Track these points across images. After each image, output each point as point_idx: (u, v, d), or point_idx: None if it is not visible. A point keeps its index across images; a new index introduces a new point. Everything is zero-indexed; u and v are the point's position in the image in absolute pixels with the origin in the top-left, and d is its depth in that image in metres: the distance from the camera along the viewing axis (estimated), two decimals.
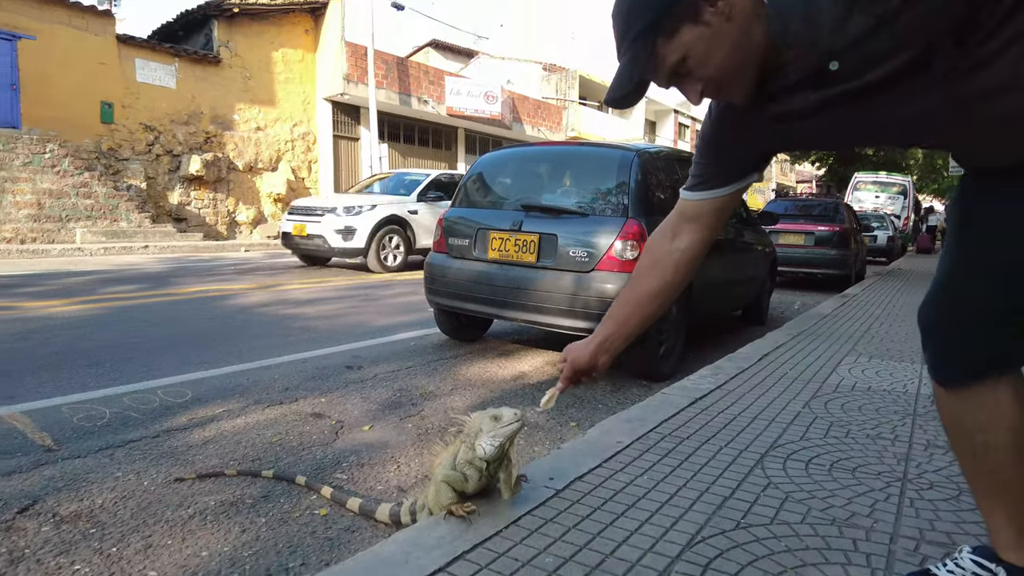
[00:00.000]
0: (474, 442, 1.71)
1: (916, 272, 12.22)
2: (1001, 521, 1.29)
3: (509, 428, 1.69)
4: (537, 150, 4.92)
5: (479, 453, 1.69)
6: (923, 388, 3.33)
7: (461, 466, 1.73)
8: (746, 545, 1.59)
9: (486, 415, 1.73)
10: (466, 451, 1.74)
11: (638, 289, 1.49)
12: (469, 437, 1.73)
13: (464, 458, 1.73)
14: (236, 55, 16.30)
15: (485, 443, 1.68)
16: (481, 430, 1.71)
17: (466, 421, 1.78)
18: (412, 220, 9.94)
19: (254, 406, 3.20)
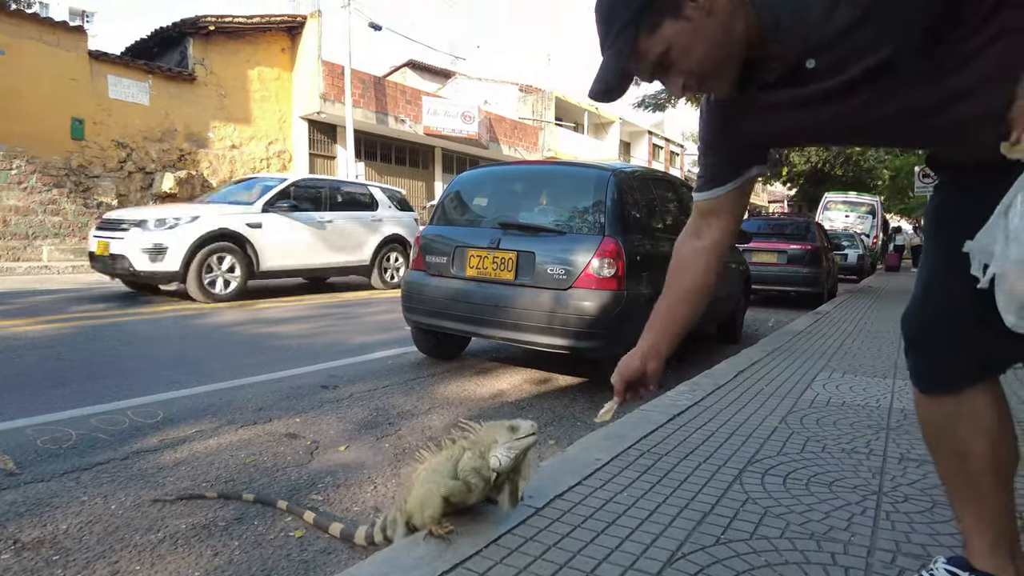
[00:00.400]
0: (487, 452, 1.67)
1: (886, 289, 12.48)
2: (976, 529, 1.31)
3: (527, 440, 1.67)
4: (514, 169, 4.95)
5: (493, 464, 1.66)
6: (895, 403, 3.38)
7: (466, 474, 1.68)
8: (726, 561, 1.59)
9: (502, 425, 1.70)
10: (473, 459, 1.69)
11: (673, 293, 1.50)
12: (479, 446, 1.70)
13: (471, 466, 1.68)
14: (211, 73, 16.20)
15: (501, 454, 1.65)
16: (496, 441, 1.67)
17: (476, 429, 1.74)
18: (253, 236, 7.96)
19: (227, 426, 3.13)
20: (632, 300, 3.85)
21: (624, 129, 33.35)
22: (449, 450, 1.76)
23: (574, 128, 28.72)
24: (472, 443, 1.72)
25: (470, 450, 1.71)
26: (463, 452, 1.72)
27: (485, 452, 1.69)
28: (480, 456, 1.69)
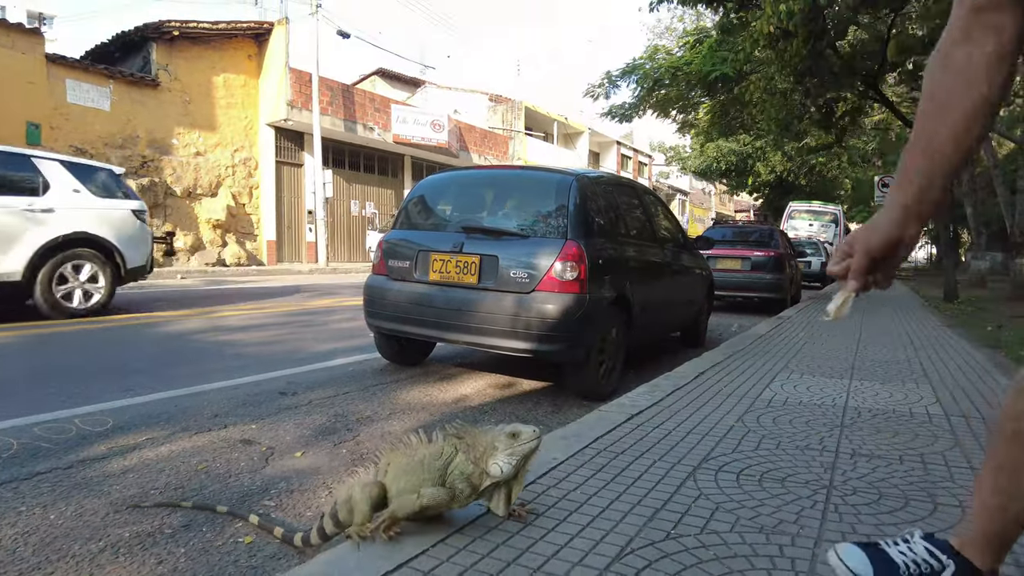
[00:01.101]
0: (483, 459, 1.63)
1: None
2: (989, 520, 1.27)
3: (528, 446, 1.63)
4: (478, 173, 4.95)
5: (494, 472, 1.61)
6: (850, 401, 3.44)
7: (454, 479, 1.62)
8: (675, 555, 1.59)
9: (501, 432, 1.65)
10: (465, 463, 1.63)
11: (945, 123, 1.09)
12: (473, 451, 1.65)
13: (461, 471, 1.63)
14: (176, 79, 15.94)
15: (502, 461, 1.61)
16: (496, 447, 1.62)
17: (472, 432, 1.69)
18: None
19: (180, 433, 3.05)
20: (594, 303, 3.86)
21: (593, 139, 33.68)
22: (438, 446, 1.69)
23: (544, 138, 28.91)
24: (467, 447, 1.67)
25: (464, 453, 1.65)
26: (455, 454, 1.67)
27: (480, 459, 1.64)
28: (474, 462, 1.64)
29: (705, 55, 12.02)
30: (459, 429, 1.72)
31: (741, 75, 12.00)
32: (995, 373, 4.41)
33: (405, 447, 1.73)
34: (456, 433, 1.71)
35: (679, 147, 30.03)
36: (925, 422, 3.06)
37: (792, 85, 11.07)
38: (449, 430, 1.74)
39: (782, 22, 8.34)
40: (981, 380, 4.16)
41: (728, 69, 11.69)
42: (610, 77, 14.67)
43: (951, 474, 2.31)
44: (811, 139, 19.94)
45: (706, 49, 12.10)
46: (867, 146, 24.30)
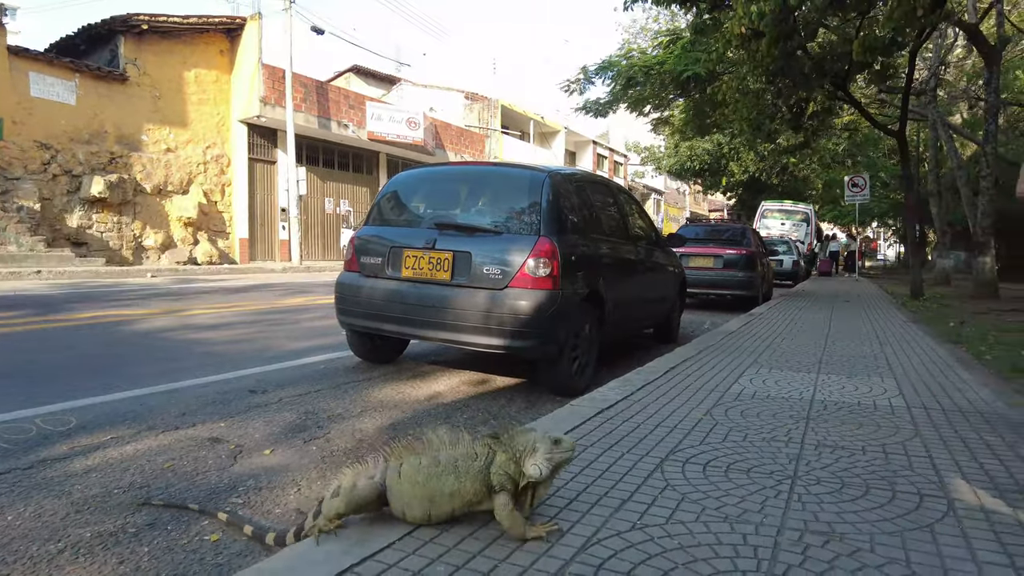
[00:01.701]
0: (524, 458, 1.65)
1: (819, 293, 12.99)
2: None
3: (566, 456, 1.67)
4: (451, 169, 4.94)
5: (533, 472, 1.63)
6: (817, 395, 3.51)
7: (501, 478, 1.64)
8: (640, 545, 1.60)
9: (545, 436, 1.68)
10: (507, 463, 1.65)
11: None
12: (514, 451, 1.67)
13: (506, 471, 1.65)
14: (145, 73, 15.64)
15: (541, 463, 1.63)
16: (536, 450, 1.65)
17: (511, 433, 1.72)
18: None
19: (147, 432, 3.00)
20: (567, 299, 3.88)
21: (569, 139, 33.80)
22: (468, 448, 1.71)
23: (520, 136, 28.93)
24: (505, 447, 1.69)
25: (504, 453, 1.68)
26: (494, 454, 1.68)
27: (521, 458, 1.66)
28: (515, 461, 1.66)
29: (678, 55, 12.13)
30: (494, 431, 1.76)
31: (713, 75, 12.14)
32: (957, 368, 4.53)
33: (421, 448, 1.73)
34: (491, 434, 1.74)
35: (654, 147, 30.28)
36: (888, 414, 3.13)
37: (764, 85, 11.22)
38: (484, 432, 1.76)
39: (753, 23, 8.45)
40: (942, 374, 4.27)
41: (700, 69, 11.81)
42: (586, 72, 14.74)
43: (910, 463, 2.36)
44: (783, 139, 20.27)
45: (679, 49, 12.21)
46: (837, 147, 24.73)
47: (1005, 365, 4.53)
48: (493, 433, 1.74)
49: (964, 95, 20.19)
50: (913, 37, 10.21)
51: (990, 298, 11.24)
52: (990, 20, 14.44)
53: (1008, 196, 19.45)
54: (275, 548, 1.80)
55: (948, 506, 1.95)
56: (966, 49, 18.92)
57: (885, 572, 1.51)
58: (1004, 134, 18.99)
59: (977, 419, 3.07)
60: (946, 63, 17.71)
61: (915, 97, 15.76)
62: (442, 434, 1.75)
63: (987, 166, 11.62)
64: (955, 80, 20.42)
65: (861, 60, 9.51)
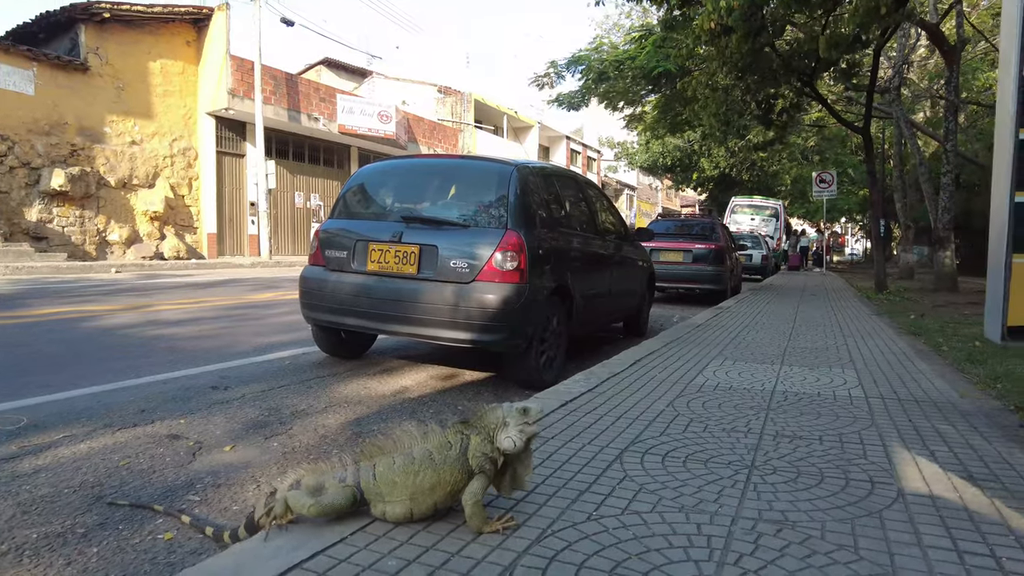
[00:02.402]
0: (496, 434, 1.63)
1: (786, 287, 13.20)
2: None
3: (535, 428, 1.66)
4: (418, 162, 4.90)
5: (506, 445, 1.61)
6: (779, 386, 3.56)
7: (480, 460, 1.62)
8: (595, 536, 1.61)
9: (512, 408, 1.66)
10: (483, 444, 1.64)
11: None
12: (486, 429, 1.65)
13: (482, 451, 1.63)
14: (107, 63, 15.24)
15: (514, 435, 1.62)
16: (507, 423, 1.63)
17: (478, 414, 1.69)
18: None
19: (103, 430, 2.92)
20: (535, 293, 3.88)
21: (543, 134, 33.81)
22: (441, 438, 1.68)
23: (494, 131, 28.86)
24: (477, 429, 1.67)
25: (477, 435, 1.66)
26: (468, 438, 1.66)
27: (493, 434, 1.65)
28: (489, 440, 1.64)
29: (649, 51, 12.20)
30: (463, 416, 1.73)
31: (684, 71, 12.23)
32: (915, 359, 4.64)
33: (392, 447, 1.70)
34: (461, 421, 1.72)
35: (626, 143, 30.46)
36: (847, 404, 3.19)
37: (733, 81, 11.33)
38: (451, 421, 1.74)
39: (723, 19, 8.52)
40: (901, 365, 4.37)
41: (671, 65, 11.89)
42: (555, 66, 14.74)
43: (865, 452, 2.41)
44: (753, 135, 20.52)
45: (650, 45, 12.27)
46: (806, 143, 25.13)
47: (960, 356, 4.65)
48: (463, 419, 1.72)
49: (927, 94, 20.65)
50: (877, 35, 10.41)
51: (950, 292, 11.55)
52: (950, 21, 14.78)
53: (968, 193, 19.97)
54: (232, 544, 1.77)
55: (898, 493, 1.99)
56: (928, 49, 19.35)
57: (833, 558, 1.54)
58: (964, 132, 19.48)
59: (931, 408, 3.14)
60: (909, 62, 18.09)
61: (880, 95, 16.07)
62: (410, 429, 1.73)
63: (947, 163, 11.91)
64: (918, 79, 20.88)
65: (827, 57, 9.66)
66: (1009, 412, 3.10)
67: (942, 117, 14.00)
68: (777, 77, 10.94)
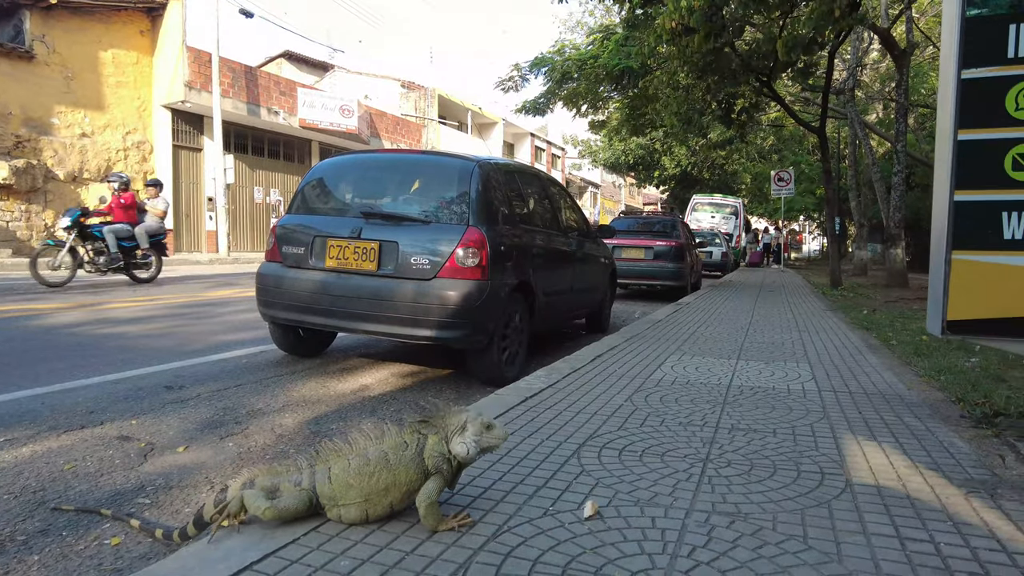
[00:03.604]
0: (452, 437, 1.63)
1: (745, 283, 13.47)
2: None
3: (495, 443, 1.66)
4: (378, 157, 4.84)
5: (460, 451, 1.61)
6: (735, 380, 3.63)
7: (436, 460, 1.61)
8: (551, 531, 1.62)
9: (477, 418, 1.66)
10: (440, 444, 1.63)
11: None
12: (444, 430, 1.64)
13: (440, 451, 1.62)
14: (55, 52, 14.68)
15: (470, 443, 1.61)
16: (466, 429, 1.63)
17: (439, 415, 1.68)
18: None
19: (47, 433, 2.82)
20: (496, 289, 3.88)
21: (508, 131, 33.79)
22: (396, 439, 1.66)
23: (458, 127, 28.73)
24: (435, 428, 1.66)
25: (435, 435, 1.65)
26: (425, 438, 1.65)
27: (449, 436, 1.64)
28: (445, 441, 1.64)
29: (612, 50, 12.30)
30: (425, 415, 1.73)
31: (646, 69, 12.36)
32: (866, 353, 4.78)
33: (348, 449, 1.68)
34: (419, 419, 1.71)
35: (589, 140, 30.66)
36: (800, 397, 3.27)
37: (693, 81, 11.50)
38: (409, 419, 1.72)
39: (684, 18, 8.64)
40: (852, 359, 4.50)
41: (633, 63, 12.00)
42: (519, 69, 14.76)
43: (816, 444, 2.47)
44: (714, 134, 20.86)
45: (612, 45, 12.37)
46: (764, 142, 25.67)
47: (908, 350, 4.81)
48: (423, 417, 1.71)
49: (879, 96, 21.29)
50: (832, 38, 10.67)
51: (901, 287, 11.94)
52: (901, 26, 15.26)
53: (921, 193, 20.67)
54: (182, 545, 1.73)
55: (846, 483, 2.05)
56: (881, 53, 19.94)
57: (783, 548, 1.57)
58: (914, 134, 20.15)
59: (880, 401, 3.24)
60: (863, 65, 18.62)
61: (835, 96, 16.51)
62: (367, 430, 1.71)
63: (898, 163, 12.30)
64: (871, 81, 21.51)
65: (785, 59, 9.87)
66: (951, 403, 3.22)
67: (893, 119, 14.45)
68: (737, 77, 11.15)
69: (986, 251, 2.24)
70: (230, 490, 1.67)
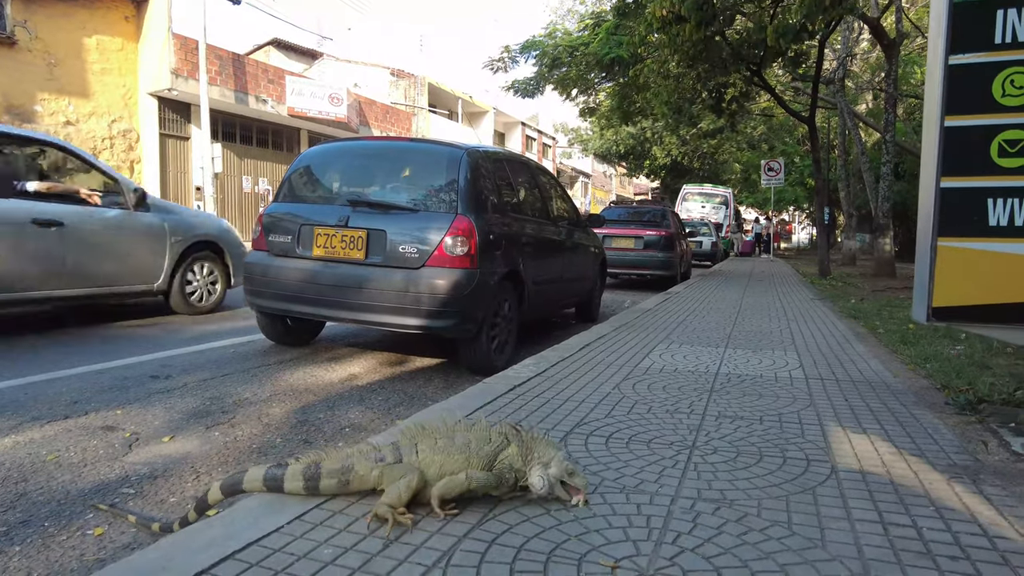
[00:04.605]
0: (532, 464, 1.67)
1: (735, 272, 13.52)
2: None
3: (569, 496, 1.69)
4: (367, 144, 4.80)
5: (535, 483, 1.65)
6: (723, 368, 3.64)
7: (503, 468, 1.66)
8: (536, 518, 1.61)
9: (565, 460, 1.69)
10: (515, 457, 1.67)
11: None
12: (529, 451, 1.68)
13: (511, 464, 1.66)
14: (37, 38, 14.43)
15: (547, 481, 1.65)
16: (550, 464, 1.67)
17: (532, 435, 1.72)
18: None
19: (30, 423, 2.79)
20: (485, 278, 3.86)
21: (498, 119, 33.64)
22: (485, 432, 1.71)
23: (448, 116, 28.57)
24: (523, 443, 1.70)
25: (517, 447, 1.68)
26: (508, 444, 1.69)
27: (530, 461, 1.67)
28: (523, 460, 1.67)
29: (602, 38, 12.25)
30: (518, 424, 1.78)
31: (636, 58, 12.33)
32: (853, 341, 4.81)
33: (437, 427, 1.73)
34: (513, 425, 1.76)
35: (580, 129, 30.59)
36: (787, 385, 3.29)
37: (684, 70, 11.48)
38: (506, 422, 1.81)
39: (675, 6, 8.61)
40: (840, 347, 4.52)
41: (623, 52, 11.96)
42: (509, 51, 14.68)
43: (803, 431, 2.49)
44: (705, 123, 20.87)
45: (603, 32, 12.32)
46: (754, 131, 25.70)
47: (895, 338, 4.85)
48: (516, 426, 1.77)
49: (869, 86, 21.34)
50: (822, 26, 10.67)
51: (889, 277, 12.02)
52: (891, 16, 15.27)
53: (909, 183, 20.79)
54: None
55: (831, 470, 2.06)
56: (871, 43, 19.97)
57: (768, 534, 1.58)
58: (904, 124, 20.23)
59: (866, 388, 3.26)
60: (853, 55, 18.64)
61: (825, 86, 16.52)
62: (459, 419, 1.79)
63: (887, 153, 12.35)
64: (861, 71, 21.55)
65: (775, 47, 9.87)
66: (936, 391, 3.25)
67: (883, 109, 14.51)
68: (727, 66, 11.13)
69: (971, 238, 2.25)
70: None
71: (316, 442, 2.70)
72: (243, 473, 1.74)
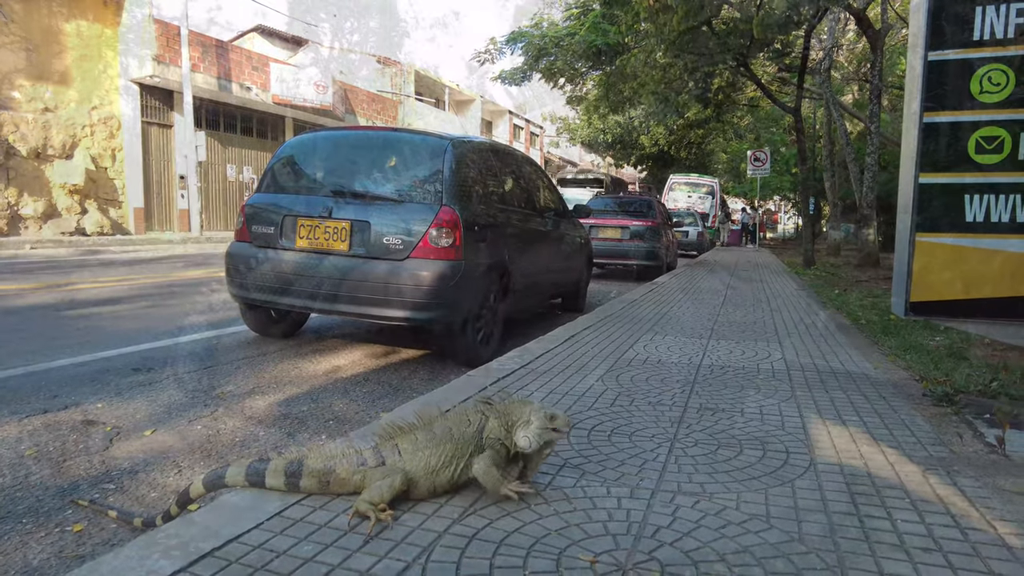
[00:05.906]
0: (515, 428, 1.66)
1: (720, 262, 13.59)
2: None
3: (558, 436, 1.69)
4: (350, 134, 4.76)
5: (522, 443, 1.64)
6: (705, 359, 3.67)
7: (491, 443, 1.66)
8: (516, 513, 1.62)
9: (540, 410, 1.68)
10: (498, 429, 1.67)
11: None
12: (507, 418, 1.68)
13: (497, 436, 1.67)
14: (13, 22, 14.13)
15: (533, 436, 1.64)
16: (531, 422, 1.66)
17: (506, 402, 1.72)
18: None
19: (7, 417, 2.76)
20: (471, 270, 3.86)
21: (486, 108, 33.49)
22: (462, 415, 1.72)
23: (435, 104, 28.39)
24: (499, 413, 1.70)
25: (496, 419, 1.69)
26: (486, 419, 1.70)
27: (512, 427, 1.67)
28: (506, 429, 1.67)
29: (589, 27, 12.20)
30: (488, 398, 1.78)
31: (623, 47, 12.30)
32: (835, 332, 4.85)
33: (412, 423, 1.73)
34: (484, 400, 1.76)
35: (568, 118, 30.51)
36: (769, 377, 3.32)
37: (671, 60, 11.47)
38: (477, 398, 1.81)
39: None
40: (822, 338, 4.57)
41: (611, 40, 11.93)
42: (495, 43, 14.60)
43: (783, 423, 2.51)
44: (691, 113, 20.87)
45: (590, 22, 12.27)
46: (740, 121, 25.75)
47: (876, 329, 4.90)
48: (486, 399, 1.77)
49: (855, 77, 21.44)
50: (808, 17, 10.70)
51: (873, 267, 12.14)
52: (876, 7, 15.32)
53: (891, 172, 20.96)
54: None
55: (810, 462, 2.08)
56: (856, 33, 20.03)
57: (746, 528, 1.60)
58: (889, 115, 20.36)
59: (846, 380, 3.30)
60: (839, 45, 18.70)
61: (811, 76, 16.57)
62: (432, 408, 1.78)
63: (871, 144, 12.43)
64: (847, 62, 21.63)
65: (761, 38, 9.88)
66: (915, 382, 3.29)
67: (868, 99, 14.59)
68: (713, 56, 11.14)
69: (949, 233, 2.27)
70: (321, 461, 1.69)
71: (299, 435, 2.69)
72: (225, 468, 1.73)
